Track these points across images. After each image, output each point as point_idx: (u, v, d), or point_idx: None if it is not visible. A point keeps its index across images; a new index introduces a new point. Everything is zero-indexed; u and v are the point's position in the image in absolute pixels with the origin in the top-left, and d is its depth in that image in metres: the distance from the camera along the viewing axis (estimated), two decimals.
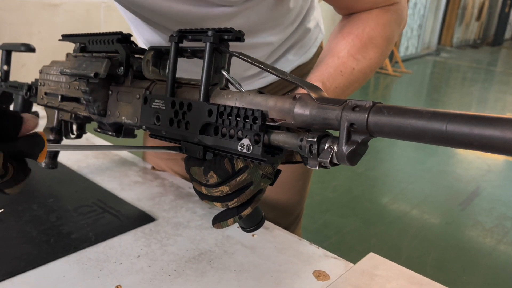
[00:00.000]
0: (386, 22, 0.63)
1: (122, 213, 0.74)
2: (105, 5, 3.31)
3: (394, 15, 0.64)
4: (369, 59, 0.62)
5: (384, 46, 0.64)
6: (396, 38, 0.67)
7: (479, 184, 2.94)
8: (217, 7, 0.62)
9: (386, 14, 0.63)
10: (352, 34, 0.62)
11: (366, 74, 0.63)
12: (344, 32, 0.63)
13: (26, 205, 0.75)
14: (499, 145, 0.26)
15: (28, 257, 0.61)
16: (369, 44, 0.62)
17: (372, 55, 0.62)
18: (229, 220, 0.48)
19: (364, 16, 0.64)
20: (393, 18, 0.64)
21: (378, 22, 0.63)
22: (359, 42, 0.61)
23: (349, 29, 0.63)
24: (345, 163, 0.35)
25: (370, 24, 0.63)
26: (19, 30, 2.88)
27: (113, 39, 0.56)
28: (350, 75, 0.60)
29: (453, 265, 2.01)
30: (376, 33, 0.62)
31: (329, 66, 0.61)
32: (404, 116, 0.31)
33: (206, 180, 0.46)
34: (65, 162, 0.94)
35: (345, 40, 0.62)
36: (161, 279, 0.59)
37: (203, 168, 0.46)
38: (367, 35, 0.62)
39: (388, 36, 0.64)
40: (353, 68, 0.61)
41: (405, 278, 0.61)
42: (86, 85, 0.55)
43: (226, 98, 0.44)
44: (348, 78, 0.60)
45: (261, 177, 0.46)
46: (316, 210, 2.41)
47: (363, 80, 0.63)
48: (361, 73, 0.62)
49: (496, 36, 11.52)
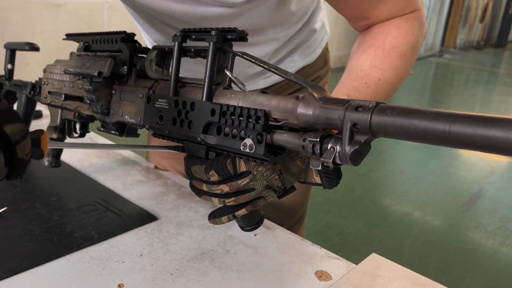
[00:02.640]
0: (408, 29, 0.61)
1: (124, 212, 0.74)
2: (109, 5, 3.32)
3: (416, 22, 0.62)
4: (395, 68, 0.59)
5: (409, 54, 0.61)
6: (420, 45, 0.63)
7: (482, 186, 2.93)
8: (216, 7, 0.61)
9: (407, 22, 0.61)
10: (374, 46, 0.60)
11: (393, 85, 0.60)
12: (364, 46, 0.61)
13: (29, 203, 0.76)
14: (503, 146, 0.26)
15: (31, 255, 0.61)
16: (392, 53, 0.59)
17: (397, 64, 0.60)
18: (223, 218, 0.48)
19: (384, 28, 0.61)
20: (415, 26, 0.61)
21: (400, 31, 0.60)
22: (382, 52, 0.59)
23: (369, 42, 0.61)
24: (348, 163, 0.35)
25: (391, 33, 0.60)
26: (23, 29, 2.89)
27: (117, 39, 0.56)
28: (377, 86, 0.58)
29: (456, 267, 2.00)
30: (399, 42, 0.60)
31: (353, 80, 0.58)
32: (407, 116, 0.31)
33: (207, 178, 0.46)
34: (68, 161, 0.94)
35: (366, 53, 0.60)
36: (163, 278, 0.59)
37: (204, 167, 0.46)
38: (389, 44, 0.59)
39: (412, 44, 0.61)
40: (379, 79, 0.58)
41: (407, 279, 0.61)
42: (89, 84, 0.55)
43: (229, 97, 0.44)
44: (375, 90, 0.58)
45: (265, 188, 0.45)
46: (319, 210, 2.41)
47: (392, 91, 0.60)
48: (388, 83, 0.59)
49: (499, 38, 11.48)
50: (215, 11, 0.62)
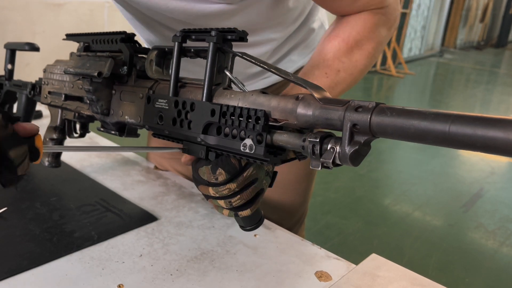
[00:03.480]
0: (373, 25, 0.64)
1: (124, 212, 0.75)
2: (109, 5, 3.32)
3: (383, 18, 0.65)
4: (355, 61, 0.64)
5: (371, 48, 0.65)
6: (386, 40, 0.68)
7: (482, 186, 2.93)
8: (215, 4, 0.62)
9: (375, 17, 0.64)
10: (339, 38, 0.64)
11: (353, 76, 0.64)
12: (332, 35, 0.65)
13: (29, 203, 0.76)
14: (502, 146, 0.26)
15: (31, 255, 0.61)
16: (355, 47, 0.63)
17: (358, 57, 0.64)
18: (224, 210, 0.50)
19: (353, 20, 0.65)
20: (381, 21, 0.65)
21: (366, 26, 0.64)
22: (345, 46, 0.63)
23: (336, 32, 0.65)
24: (348, 163, 0.35)
25: (357, 28, 0.64)
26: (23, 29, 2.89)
27: (117, 39, 0.56)
28: (336, 76, 0.62)
29: (456, 267, 2.00)
30: (363, 37, 0.64)
31: (315, 67, 0.63)
32: (407, 116, 0.31)
33: (215, 179, 0.47)
34: (68, 161, 0.94)
35: (331, 44, 0.64)
36: (163, 278, 0.59)
37: (210, 166, 0.46)
38: (353, 39, 0.63)
39: (375, 40, 0.65)
40: (338, 70, 0.63)
41: (407, 280, 0.61)
42: (89, 84, 0.55)
43: (229, 98, 0.44)
44: (334, 80, 0.62)
45: (265, 174, 0.48)
46: (318, 211, 2.41)
47: (352, 81, 0.65)
48: (348, 74, 0.63)
49: (500, 38, 11.48)
50: (214, 8, 0.62)
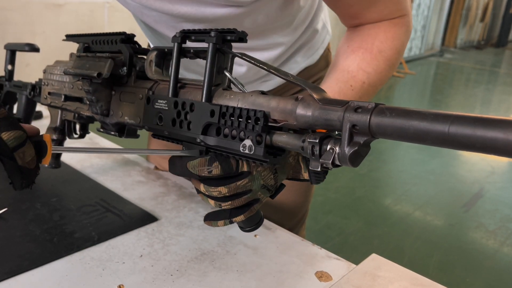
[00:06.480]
0: (395, 35, 0.64)
1: (125, 213, 0.75)
2: (109, 5, 3.32)
3: (403, 27, 0.65)
4: (380, 72, 0.62)
5: (394, 58, 0.64)
6: (404, 49, 0.67)
7: (482, 186, 2.93)
8: (223, 8, 0.61)
9: (395, 27, 0.64)
10: (362, 48, 0.62)
11: (376, 88, 0.63)
12: (353, 47, 0.63)
13: (30, 204, 0.76)
14: (502, 147, 0.26)
15: (31, 255, 0.61)
16: (379, 57, 0.62)
17: (382, 68, 0.62)
18: (219, 222, 0.49)
19: (373, 30, 0.64)
20: (402, 31, 0.65)
21: (387, 36, 0.63)
22: (369, 56, 0.62)
23: (358, 43, 0.63)
24: (347, 164, 0.35)
25: (379, 37, 0.63)
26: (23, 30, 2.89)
27: (117, 39, 0.56)
28: (361, 89, 0.61)
29: (456, 267, 2.00)
30: (386, 46, 0.63)
31: (339, 81, 0.61)
32: (406, 117, 0.30)
33: (208, 171, 0.45)
34: (69, 161, 0.94)
35: (354, 54, 0.62)
36: (164, 278, 0.59)
37: (208, 157, 0.46)
38: (377, 48, 0.62)
39: (398, 49, 0.65)
40: (364, 82, 0.61)
41: (408, 280, 0.61)
42: (89, 85, 0.55)
43: (229, 98, 0.44)
44: (358, 92, 0.61)
45: (261, 187, 0.46)
46: (319, 211, 2.41)
47: (373, 93, 0.64)
48: (371, 86, 0.62)
49: (500, 37, 11.47)
50: (223, 12, 0.62)
